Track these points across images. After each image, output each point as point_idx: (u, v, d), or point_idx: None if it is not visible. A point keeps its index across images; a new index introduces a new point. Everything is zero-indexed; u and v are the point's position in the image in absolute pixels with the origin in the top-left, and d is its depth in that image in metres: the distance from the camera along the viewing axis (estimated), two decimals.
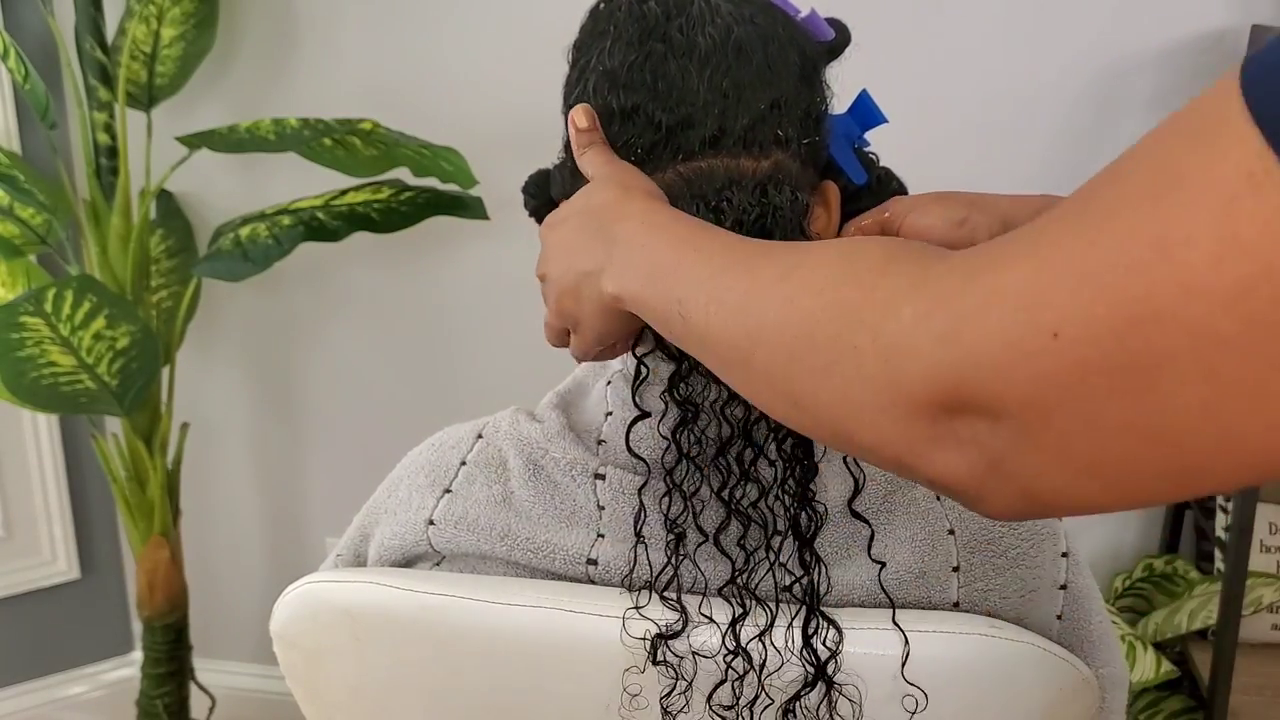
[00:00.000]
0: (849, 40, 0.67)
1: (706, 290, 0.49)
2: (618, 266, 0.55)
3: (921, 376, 0.38)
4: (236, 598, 1.98)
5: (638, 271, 0.54)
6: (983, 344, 0.36)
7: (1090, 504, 0.37)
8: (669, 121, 0.60)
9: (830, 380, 0.42)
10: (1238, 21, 1.46)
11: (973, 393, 0.37)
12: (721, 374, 0.50)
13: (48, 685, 1.94)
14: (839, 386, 0.41)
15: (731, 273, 0.49)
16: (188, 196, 1.80)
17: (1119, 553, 1.69)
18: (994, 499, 0.39)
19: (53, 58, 1.66)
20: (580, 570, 0.63)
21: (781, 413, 0.47)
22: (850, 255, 0.44)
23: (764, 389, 0.47)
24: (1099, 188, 0.35)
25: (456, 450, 0.69)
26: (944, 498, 0.63)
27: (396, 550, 0.69)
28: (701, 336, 0.49)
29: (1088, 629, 0.67)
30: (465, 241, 1.73)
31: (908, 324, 0.39)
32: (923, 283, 0.39)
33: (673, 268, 0.52)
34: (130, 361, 1.40)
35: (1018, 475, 0.37)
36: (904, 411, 0.39)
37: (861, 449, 0.42)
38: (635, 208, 0.56)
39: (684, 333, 0.51)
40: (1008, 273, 0.36)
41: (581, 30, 0.66)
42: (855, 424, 0.41)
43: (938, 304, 0.38)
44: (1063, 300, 0.34)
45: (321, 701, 0.72)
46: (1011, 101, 1.55)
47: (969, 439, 0.38)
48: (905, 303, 0.39)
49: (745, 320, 0.46)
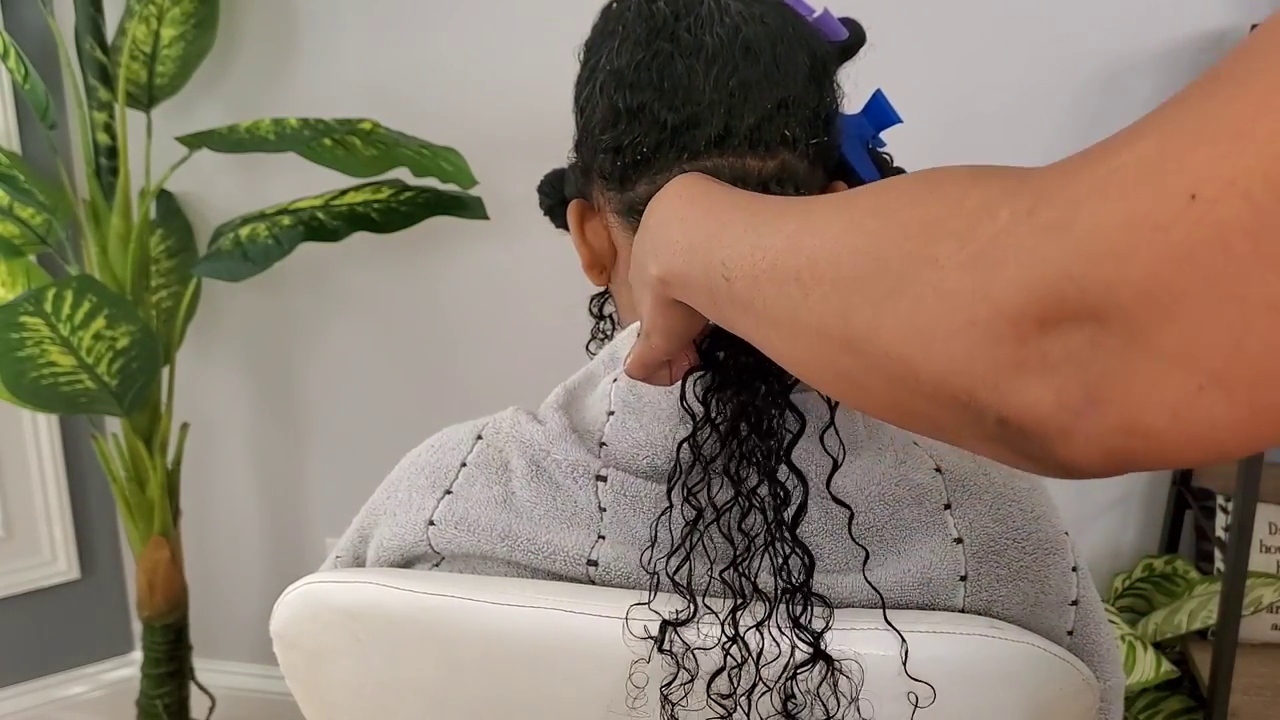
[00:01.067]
0: (863, 40, 0.67)
1: (750, 241, 0.45)
2: (658, 246, 0.53)
3: (1017, 281, 0.32)
4: (236, 598, 1.98)
5: (676, 247, 0.51)
6: (1098, 228, 0.30)
7: (1208, 437, 0.30)
8: (674, 121, 0.60)
9: (897, 304, 0.36)
10: (1238, 21, 1.46)
11: (1079, 292, 0.31)
12: (765, 339, 0.45)
13: (48, 685, 1.94)
14: (907, 310, 0.36)
15: (780, 218, 0.44)
16: (188, 196, 1.80)
17: (1119, 553, 1.69)
18: (1082, 439, 0.32)
19: (53, 58, 1.66)
20: (581, 571, 0.63)
21: (830, 365, 0.40)
22: (926, 176, 0.39)
23: (811, 337, 0.41)
24: (1220, 67, 0.31)
25: (456, 451, 0.69)
26: (953, 504, 0.63)
27: (396, 551, 0.68)
28: (747, 293, 0.44)
29: (1096, 644, 0.66)
30: (465, 241, 1.73)
31: (1004, 223, 0.33)
32: (1022, 184, 0.34)
33: (714, 233, 0.48)
34: (130, 361, 1.40)
35: (1121, 399, 0.31)
36: (987, 330, 0.33)
37: (924, 388, 0.36)
38: (669, 189, 0.55)
39: (728, 298, 0.46)
40: (1127, 151, 0.31)
41: (593, 29, 0.66)
42: (921, 353, 0.35)
43: (1042, 198, 0.33)
44: (1199, 160, 0.29)
45: (321, 702, 0.72)
46: (1012, 101, 1.55)
47: (1062, 358, 0.32)
48: (1001, 205, 0.34)
49: (796, 260, 0.41)
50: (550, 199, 0.74)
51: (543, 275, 1.67)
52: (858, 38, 0.67)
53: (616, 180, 0.64)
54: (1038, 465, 0.35)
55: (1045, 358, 0.32)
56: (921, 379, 0.36)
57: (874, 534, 0.62)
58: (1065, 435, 0.32)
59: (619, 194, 0.64)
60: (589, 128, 0.64)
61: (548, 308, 1.71)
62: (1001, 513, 0.63)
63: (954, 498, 0.63)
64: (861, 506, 0.62)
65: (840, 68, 0.67)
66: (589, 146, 0.65)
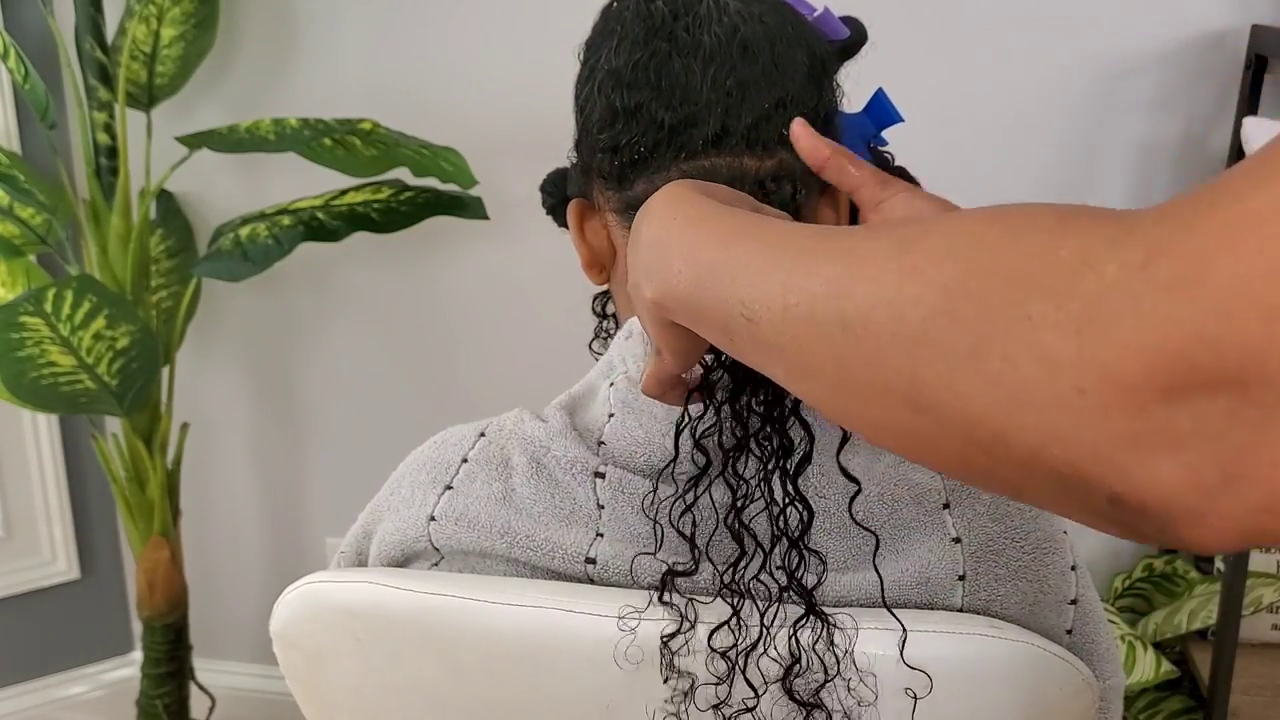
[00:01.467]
0: (864, 39, 0.67)
1: (778, 281, 0.41)
2: (653, 269, 0.50)
3: (1134, 345, 0.28)
4: (236, 598, 1.98)
5: (679, 276, 0.47)
6: (1236, 283, 0.26)
7: None
8: (672, 120, 0.60)
9: (981, 365, 0.32)
10: (1238, 21, 1.46)
11: (1214, 357, 0.27)
12: (798, 383, 0.42)
13: (48, 685, 1.94)
14: (994, 372, 0.32)
15: (814, 257, 0.40)
16: (188, 196, 1.80)
17: (1119, 553, 1.69)
18: (1216, 520, 0.29)
19: (53, 58, 1.66)
20: (579, 569, 0.63)
21: (889, 422, 0.37)
22: (1000, 218, 0.35)
23: (865, 393, 0.37)
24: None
25: (458, 448, 0.69)
26: (952, 504, 0.63)
27: (397, 546, 0.69)
28: (776, 338, 0.41)
29: (1095, 643, 0.66)
30: (465, 242, 1.73)
31: (1113, 279, 0.29)
32: (1126, 232, 0.30)
33: (725, 265, 0.44)
34: (130, 361, 1.40)
35: (1267, 476, 0.27)
36: (1098, 398, 0.29)
37: (1014, 455, 0.32)
38: (660, 204, 0.52)
39: (750, 339, 0.43)
40: (1258, 194, 0.27)
41: (592, 29, 0.66)
42: (1013, 420, 0.31)
43: (1158, 249, 0.29)
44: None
45: (321, 702, 0.72)
46: (1012, 101, 1.55)
47: (1192, 431, 0.28)
48: (1106, 258, 0.30)
49: (843, 306, 0.37)
50: (553, 198, 0.74)
51: (543, 275, 1.67)
52: (859, 36, 0.66)
53: (615, 179, 0.64)
54: (1152, 540, 0.32)
55: (1171, 431, 0.28)
56: (1011, 447, 0.32)
57: (876, 521, 0.62)
58: (1195, 516, 0.29)
59: (618, 193, 0.64)
60: (588, 127, 0.65)
61: (548, 308, 1.71)
62: (1000, 512, 0.63)
63: (953, 497, 0.63)
64: (860, 505, 0.62)
65: (841, 67, 0.67)
66: (588, 146, 0.65)
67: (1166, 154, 1.53)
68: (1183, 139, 1.52)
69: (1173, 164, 1.53)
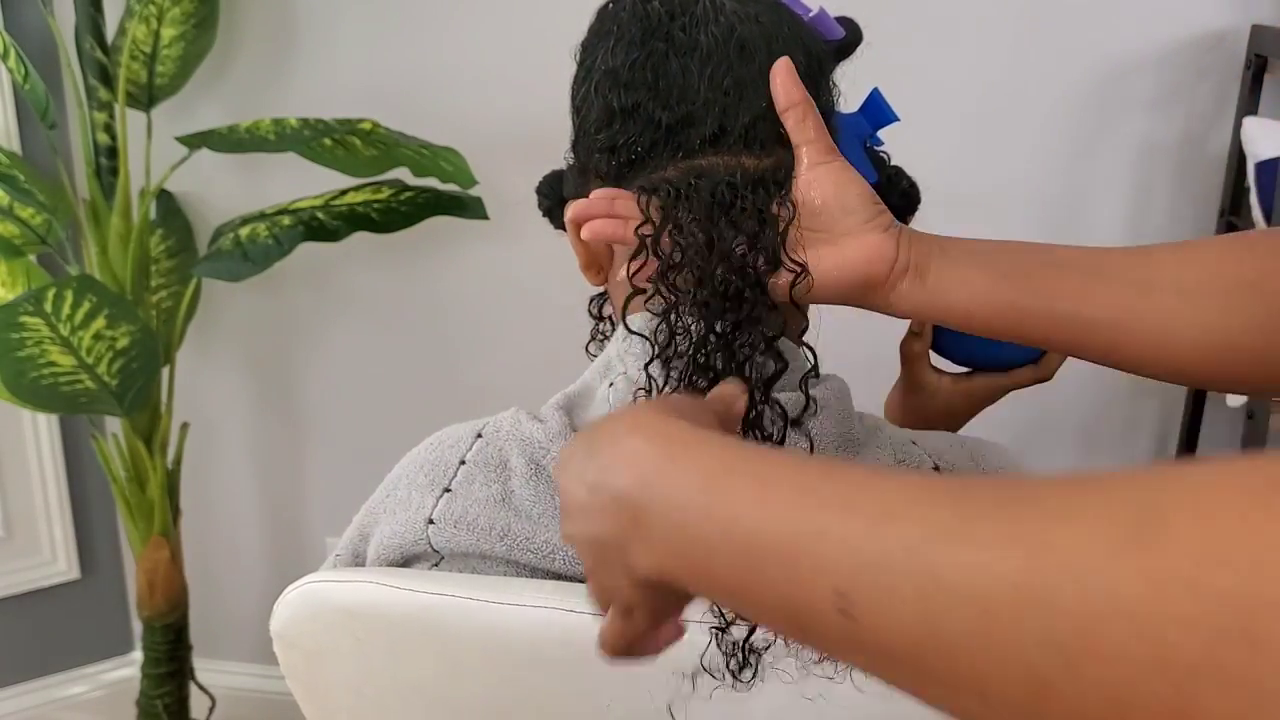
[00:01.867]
0: (860, 39, 0.67)
1: (902, 566, 0.30)
2: (646, 530, 0.39)
3: None
4: (236, 598, 1.98)
5: (708, 546, 0.36)
6: None
7: None
8: (669, 120, 0.60)
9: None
10: (1238, 21, 1.46)
11: None
12: (922, 689, 0.31)
13: (48, 685, 1.94)
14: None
15: (955, 539, 0.30)
16: (188, 196, 1.80)
17: None
18: None
19: (53, 58, 1.66)
20: (579, 570, 0.63)
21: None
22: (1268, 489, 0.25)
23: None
24: None
25: (456, 449, 0.69)
26: None
27: (395, 549, 0.69)
28: (886, 641, 0.31)
29: None
30: (465, 242, 1.73)
31: None
32: None
33: (790, 540, 0.34)
34: (130, 361, 1.40)
35: None
36: None
37: None
38: (642, 444, 0.40)
39: (841, 635, 0.32)
40: None
41: (589, 30, 0.66)
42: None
43: None
44: None
45: (321, 701, 0.72)
46: (1011, 101, 1.55)
47: None
48: None
49: (1049, 622, 0.27)
50: (549, 200, 0.74)
51: (543, 275, 1.67)
52: (854, 37, 0.67)
53: (613, 180, 0.64)
54: None
55: None
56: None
57: None
58: None
59: None
60: (585, 127, 0.65)
61: (548, 308, 1.71)
62: None
63: None
64: None
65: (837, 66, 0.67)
66: (585, 146, 0.65)
67: (1166, 154, 1.53)
68: (1183, 139, 1.52)
69: (1173, 164, 1.53)
